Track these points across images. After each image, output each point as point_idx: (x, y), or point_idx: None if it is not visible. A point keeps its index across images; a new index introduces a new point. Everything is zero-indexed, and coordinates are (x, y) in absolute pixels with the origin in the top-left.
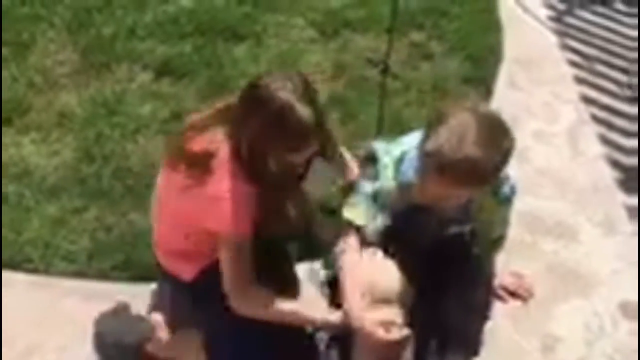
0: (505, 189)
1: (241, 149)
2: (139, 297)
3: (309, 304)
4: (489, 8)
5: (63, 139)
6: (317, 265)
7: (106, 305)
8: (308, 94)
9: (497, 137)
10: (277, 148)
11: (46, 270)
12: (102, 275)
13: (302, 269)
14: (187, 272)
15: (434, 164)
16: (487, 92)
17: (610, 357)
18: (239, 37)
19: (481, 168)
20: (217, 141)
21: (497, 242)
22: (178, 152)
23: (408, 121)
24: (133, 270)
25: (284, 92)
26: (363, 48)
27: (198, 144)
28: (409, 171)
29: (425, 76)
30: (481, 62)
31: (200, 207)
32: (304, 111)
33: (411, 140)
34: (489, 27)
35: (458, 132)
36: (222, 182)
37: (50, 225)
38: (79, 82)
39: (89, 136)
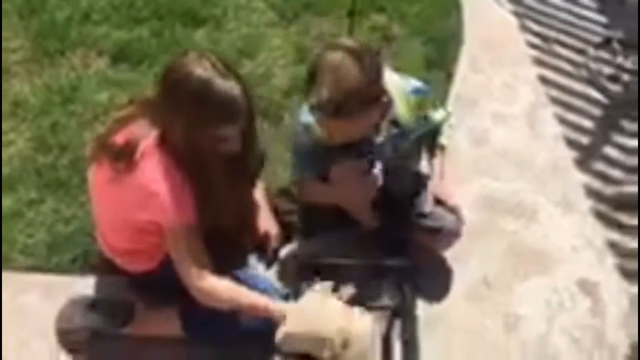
0: (412, 85)
1: (168, 134)
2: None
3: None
4: None
5: (17, 129)
6: None
7: (66, 299)
8: (228, 69)
9: (363, 61)
10: (205, 124)
11: (4, 265)
12: (62, 269)
13: None
14: (139, 267)
15: (326, 114)
16: (448, 75)
17: (570, 332)
18: (198, 21)
19: (363, 92)
20: (140, 131)
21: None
22: (102, 147)
23: None
24: (93, 262)
25: (201, 69)
26: (324, 32)
27: (121, 137)
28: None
29: (386, 59)
30: (442, 45)
31: (135, 201)
32: (225, 84)
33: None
34: (449, 10)
35: (331, 77)
36: (152, 172)
37: (6, 219)
38: (32, 69)
39: (44, 125)
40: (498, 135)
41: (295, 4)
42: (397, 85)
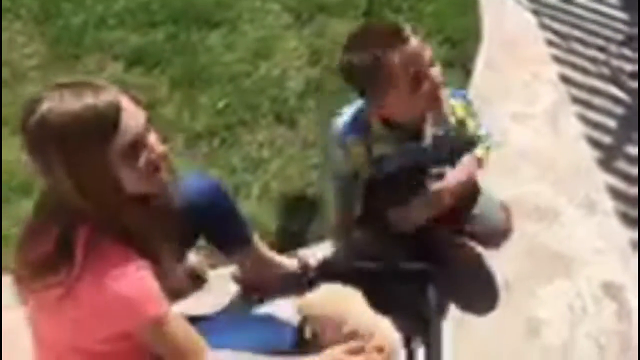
0: (455, 92)
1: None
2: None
3: None
4: None
5: None
6: None
7: None
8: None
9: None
10: (101, 163)
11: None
12: None
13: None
14: None
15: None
16: (466, 74)
17: (595, 338)
18: (212, 24)
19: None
20: (49, 233)
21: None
22: (20, 269)
23: None
24: None
25: (43, 106)
26: (340, 33)
27: (32, 250)
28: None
29: None
30: (459, 44)
31: (86, 321)
32: (74, 105)
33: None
34: (466, 8)
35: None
36: (90, 273)
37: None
38: (47, 74)
39: None
40: (518, 136)
41: (309, 5)
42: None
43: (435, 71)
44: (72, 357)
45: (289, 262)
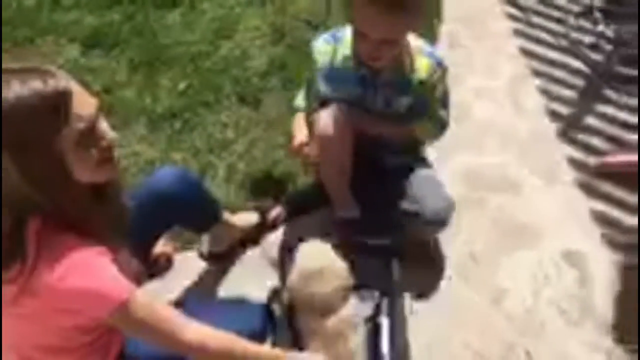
0: (433, 50)
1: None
2: None
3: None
4: None
5: None
6: None
7: None
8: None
9: None
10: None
11: None
12: None
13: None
14: None
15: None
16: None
17: (557, 304)
18: (171, 3)
19: None
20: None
21: (437, 123)
22: None
23: None
24: None
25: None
26: (301, 10)
27: None
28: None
29: None
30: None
31: (49, 316)
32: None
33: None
34: None
35: None
36: (46, 266)
37: None
38: (1, 59)
39: None
40: (481, 109)
41: None
42: (416, 41)
43: None
44: (37, 355)
45: (251, 215)
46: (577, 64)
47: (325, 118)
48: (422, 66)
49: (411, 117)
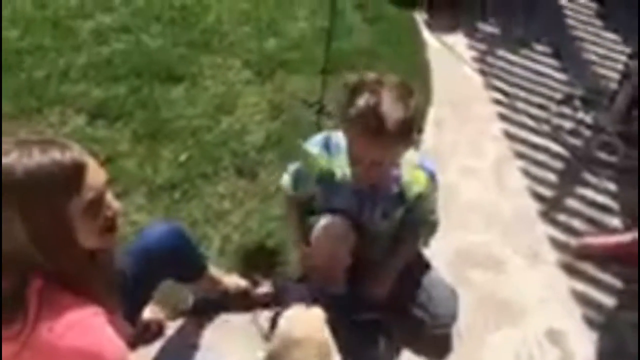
0: (426, 163)
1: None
2: None
3: None
4: (418, 50)
5: None
6: None
7: None
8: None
9: (405, 96)
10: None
11: None
12: None
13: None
14: None
15: (361, 124)
16: (417, 132)
17: None
18: (175, 79)
19: (400, 120)
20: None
21: (430, 226)
22: None
23: None
24: None
25: (9, 158)
26: (298, 89)
27: None
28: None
29: None
30: None
31: None
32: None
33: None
34: (418, 69)
35: (374, 97)
36: (46, 324)
37: None
38: (9, 128)
39: None
40: (466, 189)
41: (270, 62)
42: (411, 155)
43: None
44: None
45: (240, 280)
46: (557, 148)
47: (323, 240)
48: (418, 179)
49: (406, 226)
